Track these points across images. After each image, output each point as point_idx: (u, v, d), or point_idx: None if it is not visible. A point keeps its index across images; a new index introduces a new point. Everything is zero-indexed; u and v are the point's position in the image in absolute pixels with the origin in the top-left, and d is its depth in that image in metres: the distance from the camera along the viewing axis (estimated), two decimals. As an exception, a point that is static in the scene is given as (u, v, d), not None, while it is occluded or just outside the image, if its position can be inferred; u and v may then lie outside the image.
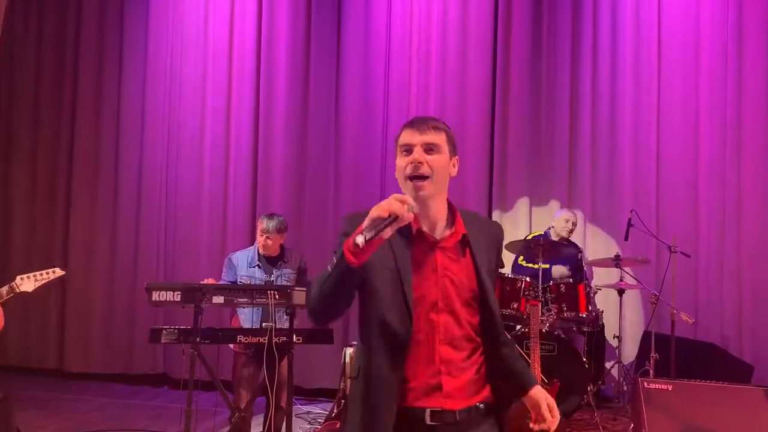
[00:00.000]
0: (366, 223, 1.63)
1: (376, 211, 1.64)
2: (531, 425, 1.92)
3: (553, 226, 5.55)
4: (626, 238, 5.25)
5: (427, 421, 1.78)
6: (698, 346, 5.23)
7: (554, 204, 6.11)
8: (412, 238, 1.83)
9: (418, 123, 1.88)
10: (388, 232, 1.65)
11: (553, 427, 1.88)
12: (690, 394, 3.77)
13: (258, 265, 4.33)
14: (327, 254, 5.94)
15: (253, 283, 4.24)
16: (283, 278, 4.34)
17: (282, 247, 4.41)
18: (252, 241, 5.18)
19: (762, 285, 5.55)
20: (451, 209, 1.91)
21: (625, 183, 5.95)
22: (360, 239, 1.59)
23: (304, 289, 3.84)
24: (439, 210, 1.87)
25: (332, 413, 4.80)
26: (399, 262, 1.80)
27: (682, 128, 5.84)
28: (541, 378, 4.19)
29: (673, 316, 4.71)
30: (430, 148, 1.84)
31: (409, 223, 1.72)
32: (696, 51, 5.84)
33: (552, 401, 1.92)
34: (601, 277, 5.84)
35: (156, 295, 3.67)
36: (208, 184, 6.52)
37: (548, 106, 6.17)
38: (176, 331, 3.86)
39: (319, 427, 4.92)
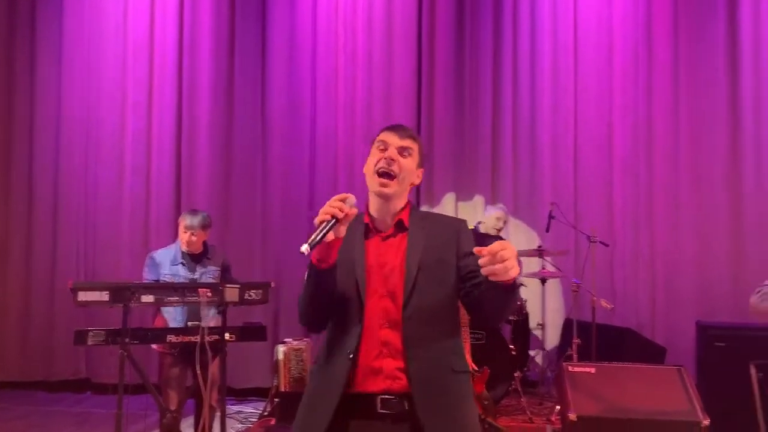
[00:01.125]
0: (313, 233, 1.75)
1: (318, 217, 1.76)
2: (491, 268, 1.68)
3: (482, 222, 5.71)
4: (548, 230, 5.48)
5: (377, 404, 1.86)
6: (616, 331, 5.51)
7: (479, 199, 6.30)
8: (364, 233, 2.00)
9: (399, 128, 2.04)
10: (340, 230, 1.79)
11: (511, 254, 1.67)
12: (611, 375, 3.98)
13: (182, 263, 4.23)
14: (255, 252, 5.92)
15: (176, 281, 4.15)
16: (207, 276, 4.26)
17: (205, 244, 4.33)
18: (176, 240, 5.09)
19: (673, 273, 5.91)
20: (407, 206, 2.05)
21: (545, 179, 6.20)
22: (304, 247, 1.69)
23: (237, 285, 3.80)
24: (395, 210, 2.01)
25: (265, 411, 4.77)
26: (353, 253, 1.94)
27: (597, 127, 6.14)
28: (472, 366, 4.31)
29: (594, 303, 4.95)
30: (403, 152, 2.00)
31: (363, 220, 1.97)
32: (609, 53, 6.14)
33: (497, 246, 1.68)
34: (524, 268, 6.06)
35: (82, 296, 3.52)
36: (129, 181, 6.32)
37: (472, 103, 6.35)
38: (103, 332, 3.73)
39: (252, 425, 4.88)
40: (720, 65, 5.91)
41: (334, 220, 1.75)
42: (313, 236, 1.72)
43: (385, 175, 1.93)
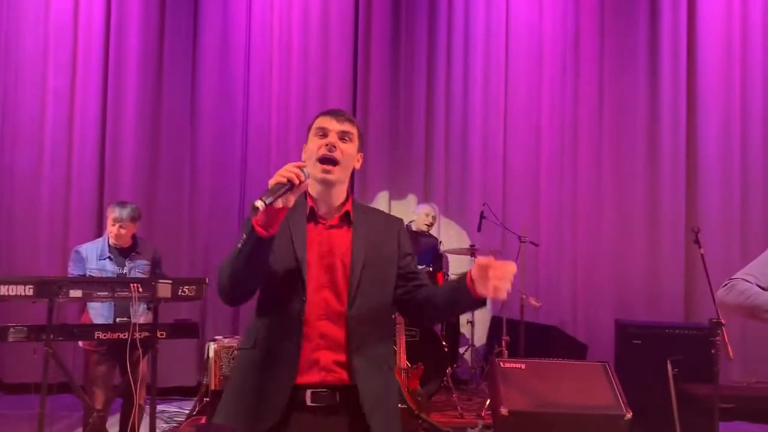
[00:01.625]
0: (266, 192, 1.69)
1: (274, 179, 1.71)
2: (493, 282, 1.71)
3: (413, 220, 5.79)
4: (479, 230, 5.61)
5: (307, 396, 1.84)
6: (542, 329, 5.70)
7: (412, 198, 6.38)
8: (307, 218, 1.93)
9: (336, 113, 1.99)
10: (290, 200, 1.72)
11: (510, 269, 1.71)
12: (540, 371, 4.11)
13: (109, 257, 4.07)
14: (182, 246, 5.75)
15: (104, 276, 3.99)
16: (136, 270, 4.11)
17: (134, 237, 4.18)
18: (99, 235, 4.89)
19: (594, 273, 6.17)
20: (348, 196, 2.01)
21: (475, 179, 6.35)
22: (259, 203, 1.65)
23: (170, 281, 3.70)
24: (338, 197, 1.97)
25: (195, 409, 4.65)
26: (295, 242, 1.88)
27: (526, 131, 6.35)
28: (406, 363, 4.36)
29: (523, 301, 5.10)
30: (344, 137, 1.95)
31: (307, 204, 1.91)
32: (539, 59, 6.36)
33: (488, 259, 1.75)
34: (454, 266, 6.17)
35: (4, 290, 3.34)
36: (49, 171, 6.01)
37: (406, 103, 6.44)
38: (25, 328, 3.54)
39: (180, 425, 4.75)
40: (641, 75, 6.23)
41: (289, 185, 1.70)
42: (267, 194, 1.66)
43: (328, 161, 1.90)
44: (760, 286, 2.20)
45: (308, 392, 1.83)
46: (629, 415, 3.75)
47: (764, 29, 6.10)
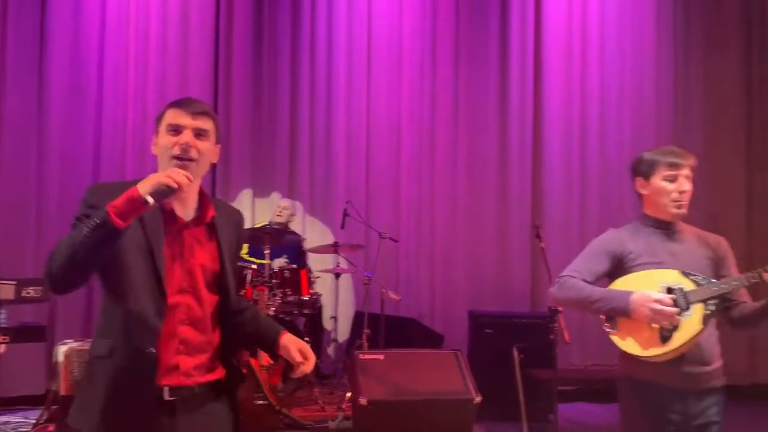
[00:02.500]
0: (150, 188, 1.65)
1: (162, 179, 1.66)
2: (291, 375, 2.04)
3: (273, 219, 5.81)
4: (342, 227, 5.74)
5: (166, 396, 1.81)
6: (401, 321, 5.94)
7: (276, 196, 6.40)
8: (164, 218, 1.83)
9: (190, 106, 1.88)
10: (157, 202, 1.68)
11: (308, 369, 2.01)
12: (398, 361, 4.30)
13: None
14: (27, 247, 5.38)
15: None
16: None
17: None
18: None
19: (450, 267, 6.50)
20: (202, 193, 1.95)
21: (339, 178, 6.48)
22: (150, 199, 1.62)
23: (13, 281, 3.50)
24: (193, 195, 1.91)
25: (42, 417, 4.40)
26: (151, 241, 1.79)
27: (387, 132, 6.56)
28: (268, 359, 4.39)
29: (383, 295, 5.28)
30: (200, 133, 1.87)
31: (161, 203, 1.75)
32: (398, 64, 6.58)
33: (303, 345, 2.02)
34: (318, 263, 6.26)
35: None
36: None
37: (270, 101, 6.44)
38: None
39: (26, 435, 4.47)
40: (492, 81, 6.62)
41: (177, 187, 1.67)
42: (157, 194, 1.64)
43: (183, 160, 1.82)
44: (585, 280, 2.43)
45: (166, 388, 1.80)
46: (478, 399, 4.02)
47: (600, 41, 6.69)
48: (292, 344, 2.00)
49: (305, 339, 5.09)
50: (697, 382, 2.34)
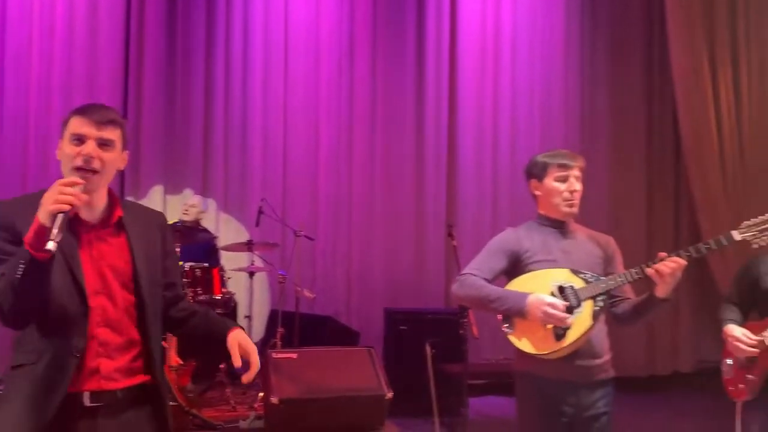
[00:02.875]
0: (47, 217, 1.61)
1: (52, 206, 1.61)
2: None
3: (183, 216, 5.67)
4: (257, 224, 5.67)
5: (87, 403, 1.78)
6: (318, 320, 5.93)
7: (189, 192, 6.25)
8: (71, 222, 1.79)
9: (95, 114, 1.83)
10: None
11: (246, 379, 1.99)
12: (312, 359, 4.30)
13: None
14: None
15: None
16: None
17: None
18: None
19: (366, 265, 6.53)
20: (111, 195, 1.94)
21: (255, 175, 6.40)
22: (51, 245, 1.58)
23: None
24: (100, 198, 1.89)
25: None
26: (65, 248, 1.75)
27: (305, 129, 6.53)
28: (177, 360, 4.30)
29: (298, 293, 5.26)
30: (104, 144, 1.82)
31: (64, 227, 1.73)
32: (316, 60, 6.56)
33: (245, 341, 2.00)
34: (232, 261, 6.16)
35: None
36: None
37: (184, 97, 6.30)
38: None
39: None
40: (409, 79, 6.70)
41: (71, 207, 1.62)
42: (57, 229, 1.57)
43: (85, 171, 1.78)
44: (485, 278, 2.51)
45: (86, 394, 1.77)
46: (390, 395, 4.07)
47: (513, 45, 6.89)
48: (233, 342, 1.99)
49: (217, 338, 5.00)
50: (589, 374, 2.45)
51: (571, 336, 2.33)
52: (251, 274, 5.64)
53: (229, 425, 4.38)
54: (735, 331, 2.65)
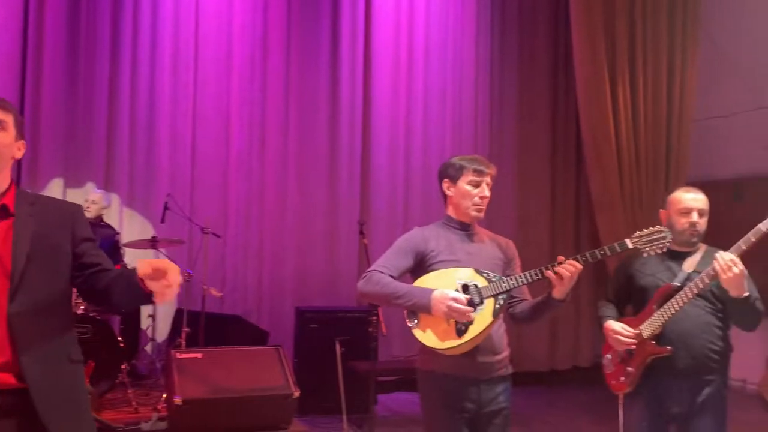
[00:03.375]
0: None
1: None
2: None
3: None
4: (162, 221, 5.51)
5: None
6: (225, 319, 5.82)
7: (91, 186, 5.98)
8: None
9: None
10: None
11: (169, 288, 1.78)
12: (218, 359, 4.23)
13: None
14: None
15: None
16: None
17: None
18: None
19: (278, 263, 6.46)
20: (12, 183, 1.91)
21: (162, 170, 6.20)
22: None
23: None
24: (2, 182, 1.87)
25: None
26: None
27: (216, 123, 6.38)
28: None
29: (204, 291, 5.15)
30: None
31: None
32: (228, 54, 6.42)
33: (157, 261, 1.81)
34: (134, 259, 5.96)
35: None
36: None
37: (86, 93, 6.02)
38: None
39: None
40: (324, 77, 6.66)
41: None
42: None
43: None
44: (391, 276, 2.55)
45: None
46: (297, 394, 4.06)
47: (426, 45, 7.00)
48: (146, 264, 1.80)
49: (119, 339, 4.83)
50: (489, 370, 2.54)
51: (473, 331, 2.39)
52: (156, 271, 5.47)
53: (130, 428, 4.24)
54: (614, 325, 2.81)
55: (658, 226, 2.48)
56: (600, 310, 2.98)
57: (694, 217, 2.79)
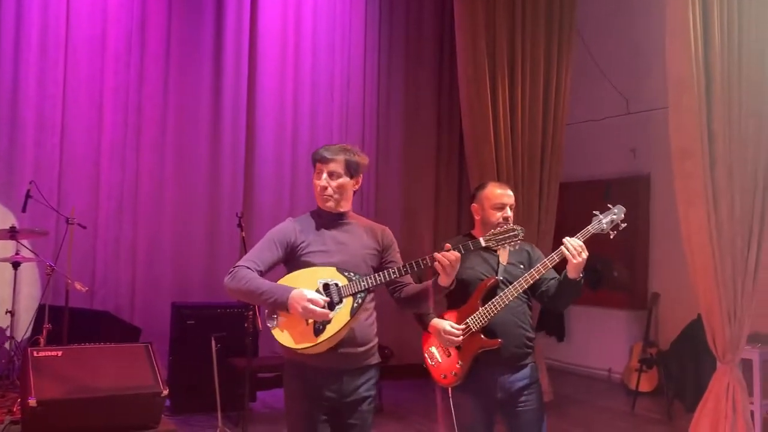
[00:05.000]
0: None
1: None
2: None
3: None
4: (24, 210, 5.11)
5: None
6: (94, 315, 5.49)
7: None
8: None
9: None
10: None
11: None
12: (80, 357, 3.97)
13: None
14: None
15: None
16: None
17: None
18: None
19: (153, 257, 6.16)
20: None
21: (26, 156, 5.77)
22: None
23: None
24: None
25: None
26: None
27: (87, 107, 5.99)
28: None
29: (68, 286, 4.82)
30: None
31: None
32: (103, 34, 6.05)
33: None
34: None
35: None
36: None
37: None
38: None
39: None
40: (206, 65, 6.42)
41: None
42: None
43: None
44: (259, 270, 2.50)
45: None
46: (165, 392, 3.88)
47: (313, 40, 6.92)
48: None
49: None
50: (352, 361, 2.54)
51: (330, 330, 2.39)
52: (15, 264, 5.07)
53: (-21, 433, 3.90)
54: (443, 324, 2.88)
55: (511, 225, 2.59)
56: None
57: (508, 211, 2.95)
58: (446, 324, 2.86)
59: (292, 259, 2.59)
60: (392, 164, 7.38)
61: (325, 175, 2.60)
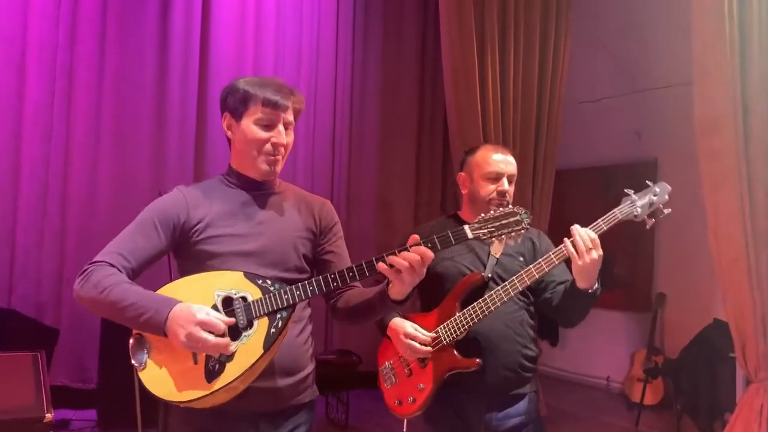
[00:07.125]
0: None
1: None
2: None
3: None
4: None
5: None
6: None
7: None
8: None
9: None
10: None
11: None
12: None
13: None
14: None
15: None
16: None
17: None
18: None
19: (85, 246, 5.24)
20: None
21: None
22: None
23: None
24: None
25: None
26: None
27: (5, 69, 5.08)
28: None
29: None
30: None
31: None
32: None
33: None
34: None
35: None
36: None
37: None
38: None
39: None
40: (150, 23, 5.51)
41: None
42: None
43: None
44: (130, 268, 1.71)
45: None
46: (50, 416, 3.02)
47: (277, 3, 6.08)
48: None
49: None
50: (276, 400, 1.69)
51: (231, 373, 1.52)
52: None
53: None
54: (405, 326, 2.07)
55: (510, 206, 1.67)
56: None
57: (505, 184, 2.14)
58: (409, 326, 2.05)
59: (184, 249, 1.74)
60: (367, 145, 6.56)
61: (281, 127, 1.73)
